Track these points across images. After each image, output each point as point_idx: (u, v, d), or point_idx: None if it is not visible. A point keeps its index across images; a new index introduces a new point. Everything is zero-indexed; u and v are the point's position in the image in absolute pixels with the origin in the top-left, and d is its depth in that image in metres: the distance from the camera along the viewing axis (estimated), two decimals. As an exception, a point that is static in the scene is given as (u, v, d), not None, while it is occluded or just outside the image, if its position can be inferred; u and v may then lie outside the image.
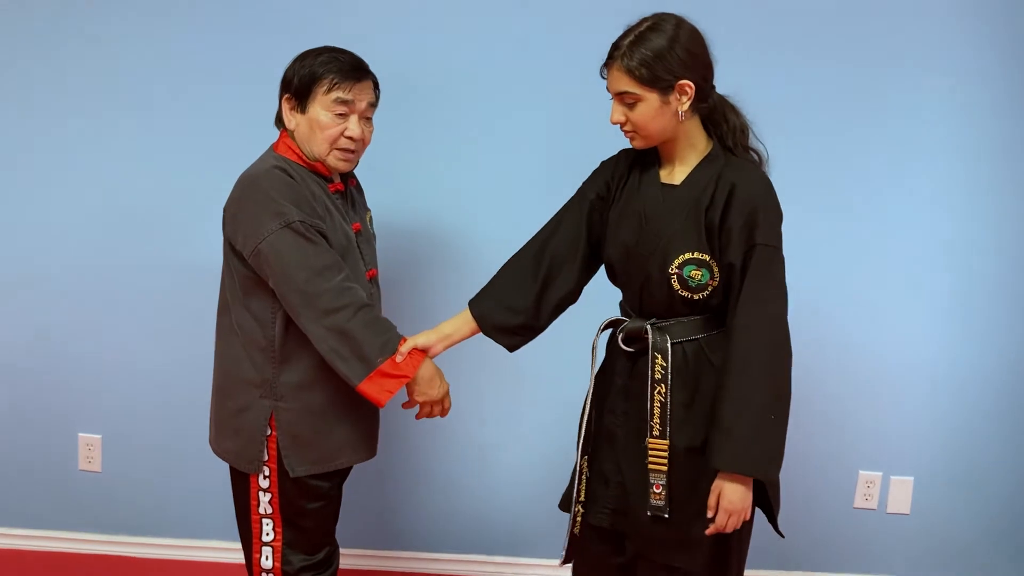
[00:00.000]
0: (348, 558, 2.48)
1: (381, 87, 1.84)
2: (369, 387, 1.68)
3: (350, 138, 1.75)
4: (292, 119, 1.77)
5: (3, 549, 2.58)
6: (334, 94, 1.72)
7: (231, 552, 2.59)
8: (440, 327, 1.77)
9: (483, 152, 2.44)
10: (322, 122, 1.73)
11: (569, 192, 1.80)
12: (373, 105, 1.79)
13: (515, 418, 2.56)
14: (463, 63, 2.40)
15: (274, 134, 1.87)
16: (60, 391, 2.54)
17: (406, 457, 2.57)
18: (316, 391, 1.76)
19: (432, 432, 2.53)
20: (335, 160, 1.77)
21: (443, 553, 2.65)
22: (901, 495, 2.64)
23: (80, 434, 2.56)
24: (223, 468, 2.55)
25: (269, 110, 1.89)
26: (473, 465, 2.60)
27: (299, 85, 1.73)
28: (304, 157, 1.77)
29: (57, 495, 2.60)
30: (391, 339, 1.72)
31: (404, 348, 1.72)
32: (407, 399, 1.81)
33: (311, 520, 1.84)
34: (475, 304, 1.77)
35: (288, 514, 1.81)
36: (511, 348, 1.78)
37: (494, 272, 1.80)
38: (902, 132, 2.45)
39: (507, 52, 2.40)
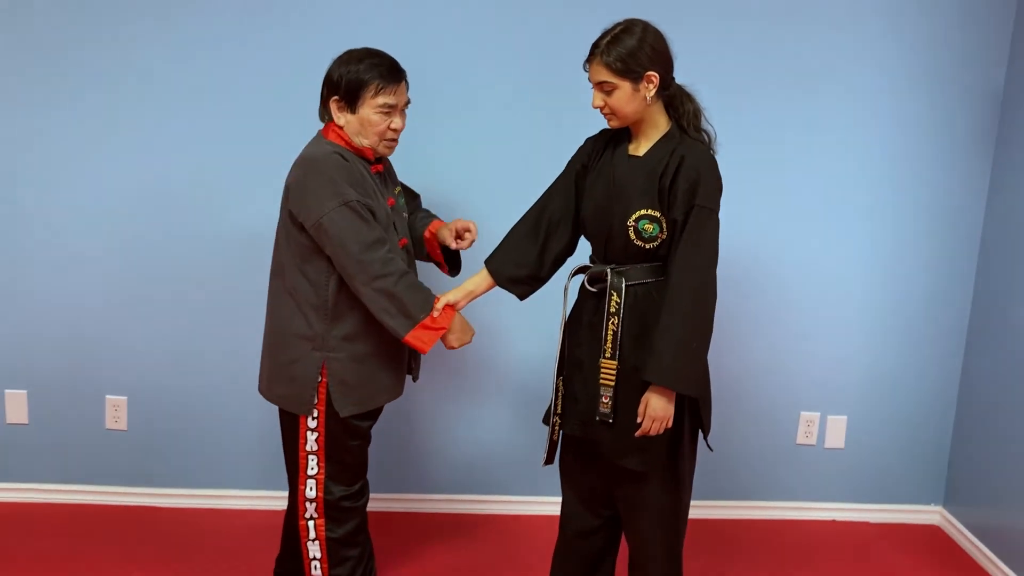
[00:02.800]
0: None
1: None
2: (413, 338, 2.03)
3: (395, 130, 2.07)
4: (342, 117, 2.05)
5: (38, 504, 2.83)
6: (381, 99, 2.02)
7: (247, 500, 2.88)
8: (463, 285, 2.13)
9: (488, 136, 2.73)
10: (373, 121, 2.04)
11: (555, 168, 2.14)
12: (408, 102, 2.11)
13: (504, 353, 2.85)
14: (461, 58, 2.68)
15: (294, 122, 2.20)
16: (88, 357, 2.79)
17: (403, 406, 2.85)
18: (361, 342, 2.09)
19: (432, 378, 2.83)
20: (384, 148, 2.09)
21: (438, 494, 2.95)
22: (837, 432, 2.98)
23: (107, 396, 2.83)
24: (239, 424, 2.86)
25: (290, 100, 2.16)
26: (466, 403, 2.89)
27: (347, 90, 2.02)
28: (352, 144, 2.07)
29: (87, 452, 2.85)
30: (428, 298, 2.06)
31: (439, 305, 2.06)
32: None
33: (351, 456, 2.16)
34: (490, 262, 2.13)
35: (331, 450, 2.12)
36: (521, 296, 2.14)
37: (499, 239, 2.15)
38: (817, 91, 2.77)
39: (501, 48, 2.69)
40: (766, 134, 2.78)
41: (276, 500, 2.85)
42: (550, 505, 2.82)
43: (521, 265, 2.09)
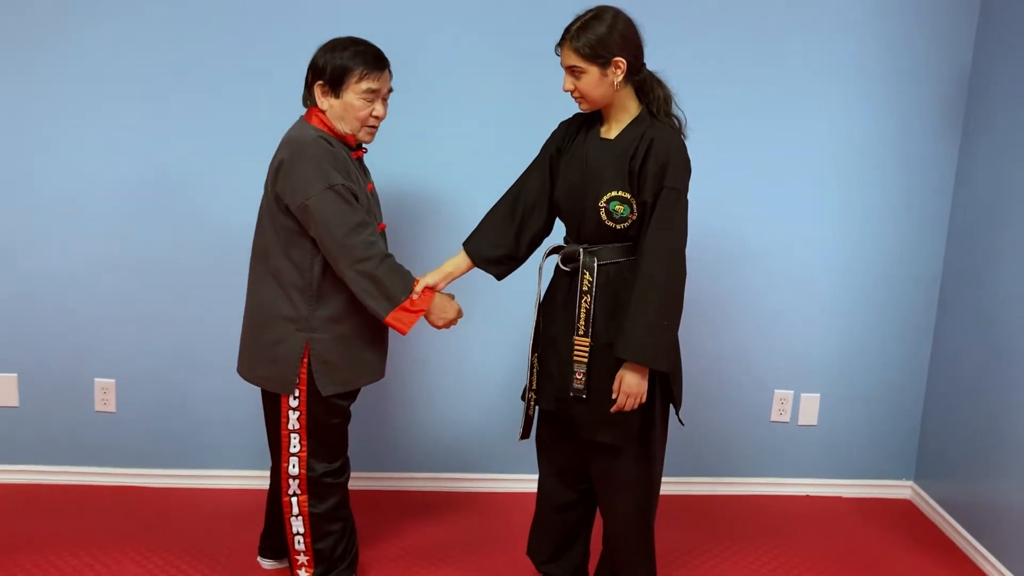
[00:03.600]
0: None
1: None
2: (394, 319, 2.09)
3: (376, 117, 2.12)
4: (325, 102, 2.09)
5: (29, 484, 2.89)
6: (364, 84, 2.07)
7: (234, 479, 2.95)
8: (442, 267, 2.19)
9: (465, 124, 2.78)
10: (355, 106, 2.08)
11: (529, 151, 2.20)
12: (391, 89, 2.16)
13: (481, 333, 2.90)
14: (445, 49, 2.73)
15: (277, 111, 2.25)
16: (77, 341, 2.85)
17: (384, 386, 2.92)
18: (345, 324, 2.15)
19: (413, 360, 2.91)
20: (364, 135, 2.14)
21: (420, 472, 3.02)
22: (810, 409, 3.07)
23: (96, 379, 2.88)
24: (225, 405, 2.91)
25: (273, 90, 2.24)
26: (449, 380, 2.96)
27: (332, 75, 2.06)
28: (335, 130, 2.12)
29: (77, 434, 2.91)
30: (408, 281, 2.11)
31: (418, 288, 2.12)
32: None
33: (332, 434, 2.22)
34: (467, 244, 2.19)
35: (313, 429, 2.18)
36: (499, 276, 2.21)
37: (476, 222, 2.21)
38: (787, 75, 2.83)
39: (481, 39, 2.74)
40: (738, 118, 2.84)
41: (261, 479, 2.90)
42: (527, 483, 2.89)
43: (498, 246, 2.15)
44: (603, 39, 1.92)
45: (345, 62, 2.07)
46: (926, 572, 2.66)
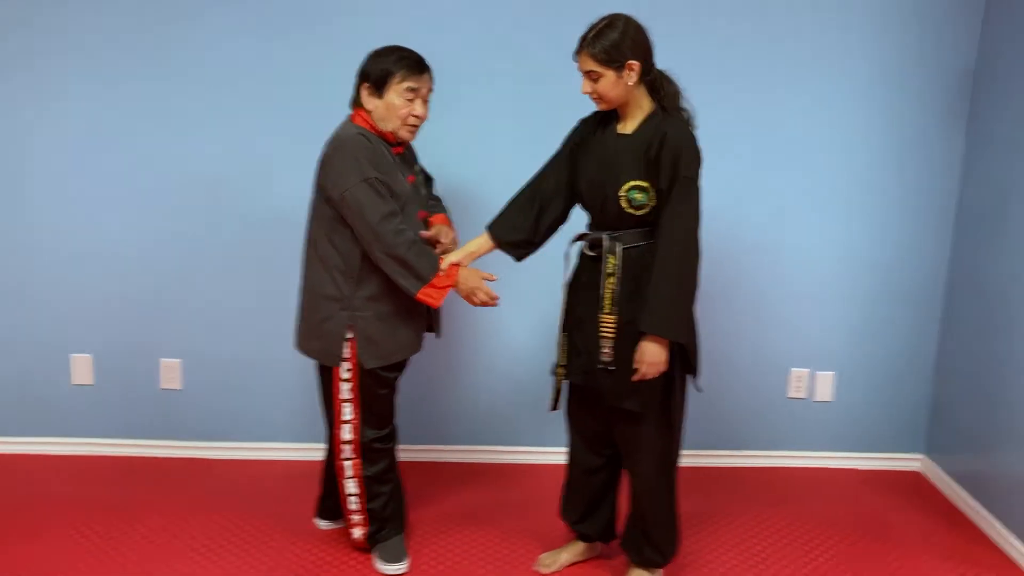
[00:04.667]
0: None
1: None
2: (424, 295, 2.31)
3: (416, 116, 2.33)
4: (371, 102, 2.31)
5: (103, 455, 3.15)
6: (406, 84, 2.28)
7: (290, 451, 3.17)
8: (466, 246, 2.41)
9: (492, 125, 2.99)
10: (396, 105, 2.30)
11: (543, 147, 2.40)
12: (431, 91, 2.36)
13: (516, 313, 3.10)
14: (466, 52, 2.94)
15: (327, 112, 2.48)
16: (146, 323, 3.10)
17: (426, 364, 3.12)
18: (384, 303, 2.37)
19: (449, 341, 3.10)
20: (405, 133, 2.35)
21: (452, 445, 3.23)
22: (825, 386, 3.22)
23: (162, 359, 3.14)
24: (280, 381, 3.14)
25: (324, 92, 2.49)
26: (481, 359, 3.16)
27: (376, 78, 2.29)
28: (376, 128, 2.34)
29: (145, 410, 3.16)
30: (434, 261, 2.33)
31: (443, 266, 2.34)
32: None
33: (380, 403, 2.45)
34: (490, 227, 2.41)
35: (363, 398, 2.41)
36: (518, 258, 2.42)
37: (496, 210, 2.41)
38: (804, 61, 2.99)
39: (503, 43, 2.94)
40: (752, 109, 3.01)
41: (314, 451, 3.14)
42: (555, 455, 3.09)
43: (517, 230, 2.36)
44: (617, 44, 2.11)
45: (388, 65, 2.30)
46: (936, 539, 2.81)
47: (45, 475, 3.01)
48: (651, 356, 2.15)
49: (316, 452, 3.11)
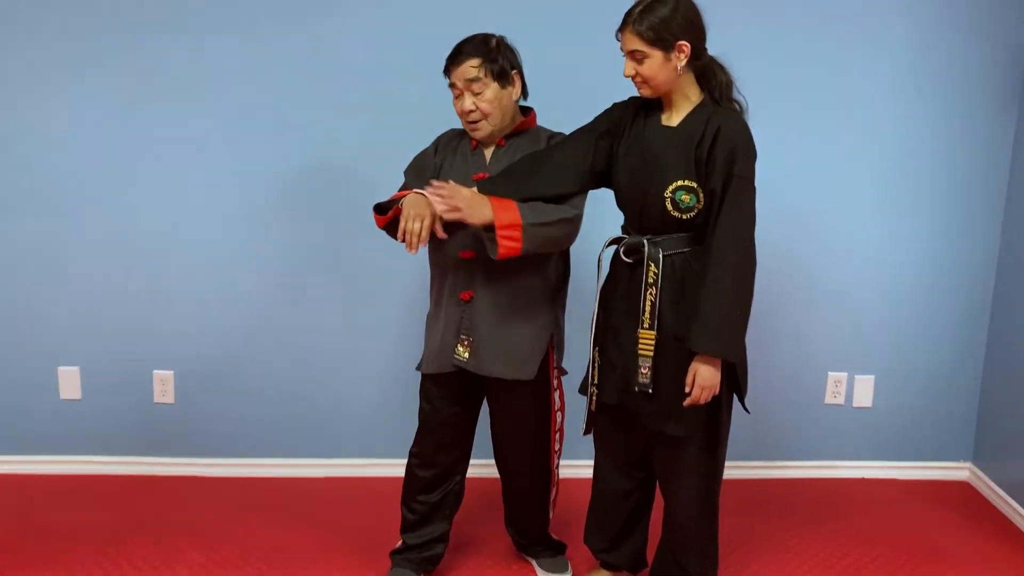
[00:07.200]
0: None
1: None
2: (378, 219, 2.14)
3: (464, 112, 2.12)
4: None
5: (92, 475, 2.94)
6: (448, 80, 2.13)
7: (288, 468, 2.97)
8: None
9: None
10: (454, 105, 2.13)
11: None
12: (474, 80, 2.07)
13: None
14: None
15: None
16: (136, 334, 2.89)
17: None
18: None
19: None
20: (469, 130, 2.16)
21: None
22: (864, 391, 3.03)
23: (155, 371, 2.92)
24: (277, 395, 2.94)
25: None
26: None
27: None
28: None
29: (137, 425, 2.95)
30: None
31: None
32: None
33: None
34: (481, 185, 2.10)
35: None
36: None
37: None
38: (857, 70, 2.81)
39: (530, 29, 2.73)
40: (792, 101, 2.81)
41: (314, 468, 2.96)
42: (578, 468, 2.88)
43: (497, 188, 2.07)
44: (667, 22, 1.88)
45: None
46: (986, 554, 2.63)
47: (30, 496, 2.81)
48: (705, 379, 1.93)
49: (314, 469, 2.95)
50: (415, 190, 2.06)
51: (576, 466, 2.95)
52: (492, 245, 1.98)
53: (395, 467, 2.69)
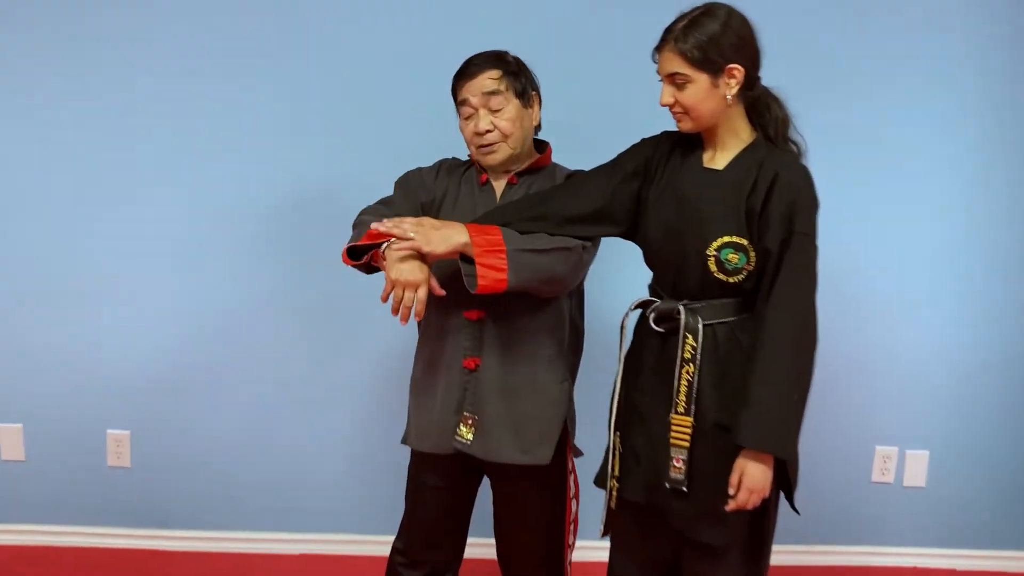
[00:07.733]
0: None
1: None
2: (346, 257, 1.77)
3: (478, 133, 1.78)
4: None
5: (38, 545, 2.61)
6: (458, 97, 1.80)
7: (261, 543, 2.65)
8: None
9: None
10: (461, 125, 1.81)
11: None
12: (492, 94, 1.76)
13: None
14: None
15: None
16: (88, 391, 2.57)
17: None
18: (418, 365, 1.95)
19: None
20: (479, 155, 1.82)
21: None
22: (917, 469, 2.69)
23: (108, 431, 2.59)
24: (243, 461, 2.64)
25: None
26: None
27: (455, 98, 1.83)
28: (473, 156, 1.86)
29: (88, 491, 2.63)
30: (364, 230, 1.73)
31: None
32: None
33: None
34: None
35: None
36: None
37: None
38: (920, 132, 2.52)
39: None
40: (848, 140, 2.50)
41: (291, 543, 2.63)
42: (592, 550, 2.52)
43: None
44: (716, 39, 1.56)
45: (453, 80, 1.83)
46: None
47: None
48: (755, 480, 1.57)
49: (292, 544, 2.63)
50: (385, 231, 1.65)
51: (591, 547, 2.59)
52: (471, 278, 1.62)
53: (374, 544, 2.42)
